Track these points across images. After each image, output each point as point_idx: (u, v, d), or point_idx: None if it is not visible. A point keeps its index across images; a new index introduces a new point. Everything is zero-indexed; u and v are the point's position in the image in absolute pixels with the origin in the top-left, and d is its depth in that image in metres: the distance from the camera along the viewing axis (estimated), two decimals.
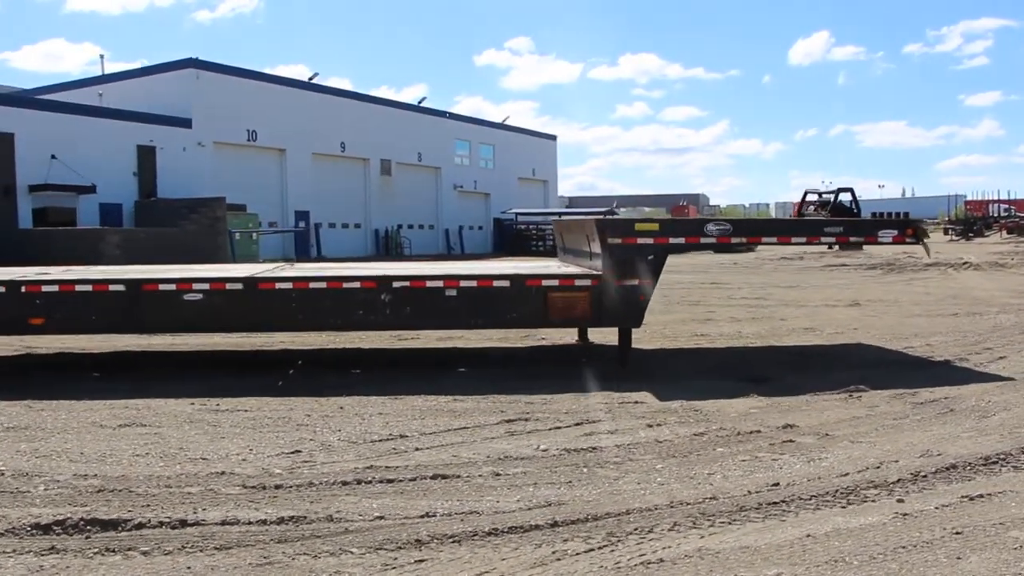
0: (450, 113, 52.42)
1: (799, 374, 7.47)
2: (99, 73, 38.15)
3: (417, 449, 5.16)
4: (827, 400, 6.39)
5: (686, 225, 7.71)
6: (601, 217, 7.71)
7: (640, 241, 7.47)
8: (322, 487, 4.40)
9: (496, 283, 7.47)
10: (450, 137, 51.44)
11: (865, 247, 37.50)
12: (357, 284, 7.40)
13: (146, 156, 30.63)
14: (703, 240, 7.57)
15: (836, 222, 7.98)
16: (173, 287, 7.29)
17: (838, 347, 9.17)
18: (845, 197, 34.39)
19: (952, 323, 10.89)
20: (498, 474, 4.61)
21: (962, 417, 5.71)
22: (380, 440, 5.37)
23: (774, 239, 7.72)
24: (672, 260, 28.99)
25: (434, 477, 4.54)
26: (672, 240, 7.55)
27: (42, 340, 9.46)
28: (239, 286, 7.35)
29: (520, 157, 57.52)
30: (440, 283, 7.43)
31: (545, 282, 7.47)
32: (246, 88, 35.76)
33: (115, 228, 24.99)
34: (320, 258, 37.24)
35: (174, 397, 6.62)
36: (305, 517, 3.94)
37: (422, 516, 3.96)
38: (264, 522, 3.89)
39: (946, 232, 49.55)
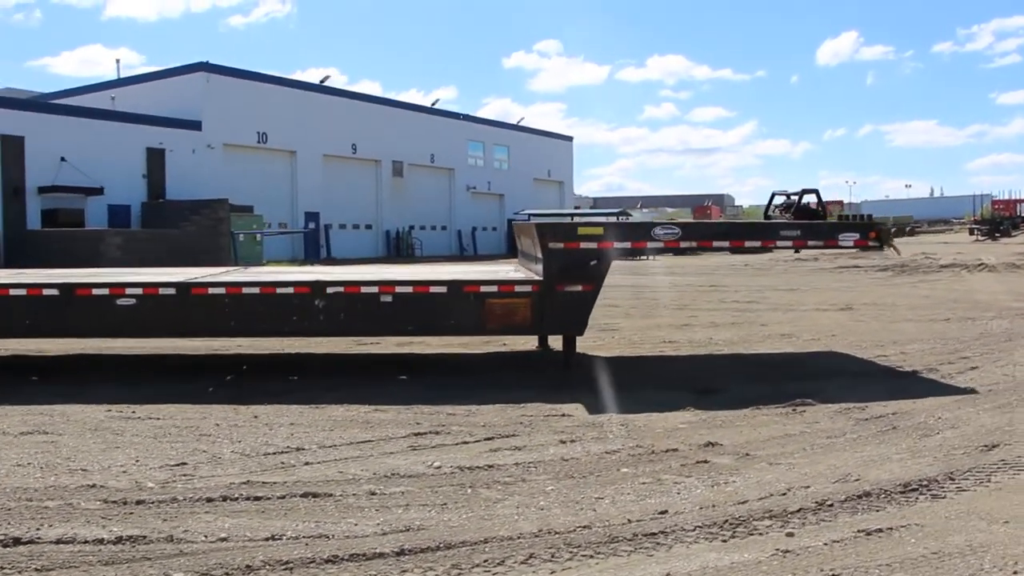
0: (464, 115, 52.25)
1: (751, 385, 7.10)
2: (125, 77, 38.46)
3: (307, 464, 4.90)
4: (767, 415, 6.03)
5: (631, 229, 7.37)
6: (541, 221, 7.40)
7: (583, 246, 7.16)
8: (184, 504, 4.15)
9: (433, 289, 7.19)
10: (464, 138, 51.26)
11: (889, 248, 36.74)
12: (291, 290, 7.16)
13: (155, 158, 30.74)
14: (650, 245, 7.24)
15: (793, 225, 7.61)
16: (106, 292, 7.10)
17: (806, 355, 8.77)
18: (811, 199, 33.18)
19: (939, 329, 10.42)
20: (374, 494, 4.32)
21: (902, 436, 5.32)
22: (274, 453, 5.12)
23: (726, 243, 7.35)
24: (678, 261, 28.80)
25: (304, 495, 4.27)
26: (617, 245, 7.23)
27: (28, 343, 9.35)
28: (172, 291, 7.13)
29: (535, 158, 57.19)
30: (375, 289, 7.16)
31: (484, 288, 7.18)
32: (257, 91, 35.81)
33: (116, 229, 25.07)
34: (330, 259, 37.23)
35: (96, 403, 6.42)
36: (145, 537, 3.69)
37: (267, 539, 3.69)
38: (101, 541, 3.65)
39: (971, 232, 48.40)
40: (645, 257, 34.64)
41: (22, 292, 7.03)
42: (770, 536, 3.65)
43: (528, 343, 9.53)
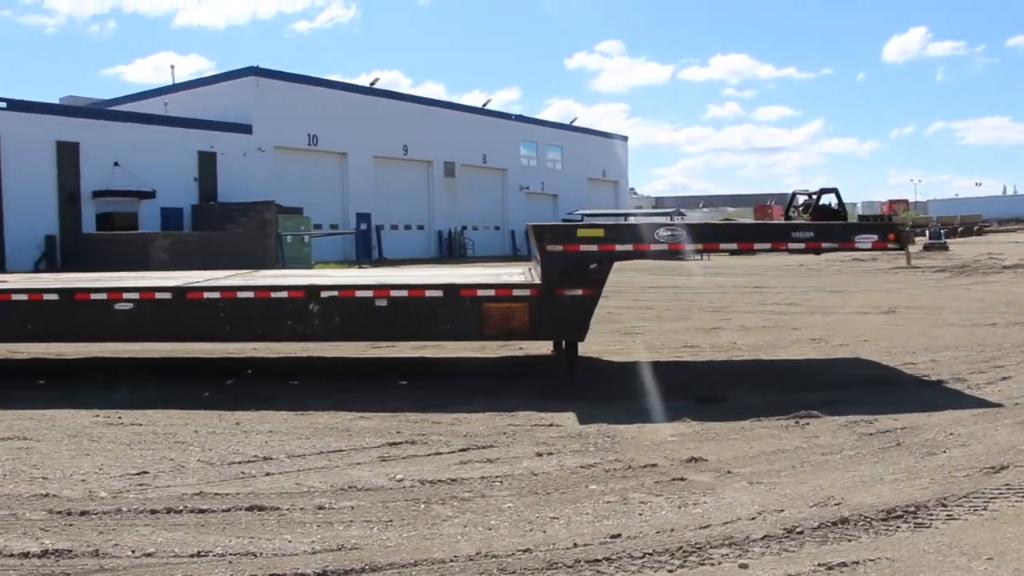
0: (516, 115, 52.14)
1: (761, 394, 6.74)
2: (178, 83, 39.42)
3: (268, 474, 4.76)
4: (766, 428, 5.68)
5: (634, 231, 7.05)
6: (540, 223, 7.15)
7: (583, 248, 6.89)
8: (127, 515, 4.05)
9: (428, 293, 7.01)
10: (516, 138, 51.17)
11: (945, 249, 35.33)
12: (285, 294, 7.06)
13: (207, 162, 31.38)
14: (653, 247, 6.92)
15: (806, 227, 7.18)
16: (104, 296, 7.11)
17: (829, 362, 8.33)
18: (831, 199, 31.52)
19: (981, 335, 9.82)
20: (322, 508, 4.15)
21: (904, 454, 4.93)
22: (240, 462, 4.99)
23: (734, 245, 6.98)
24: (729, 262, 28.22)
25: (250, 509, 4.12)
26: (619, 247, 6.94)
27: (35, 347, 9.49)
28: (168, 295, 7.11)
29: (590, 158, 56.78)
30: (370, 293, 7.02)
31: (481, 292, 6.97)
32: (307, 93, 36.29)
33: (164, 232, 25.65)
34: (381, 260, 37.51)
35: (87, 408, 6.41)
36: (71, 551, 3.58)
37: (193, 555, 3.54)
38: (26, 555, 3.56)
39: None
40: (698, 257, 34.11)
41: (24, 297, 7.08)
42: (721, 567, 3.36)
43: (543, 347, 9.29)
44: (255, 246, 24.71)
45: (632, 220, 44.80)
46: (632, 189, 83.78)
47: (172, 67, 52.31)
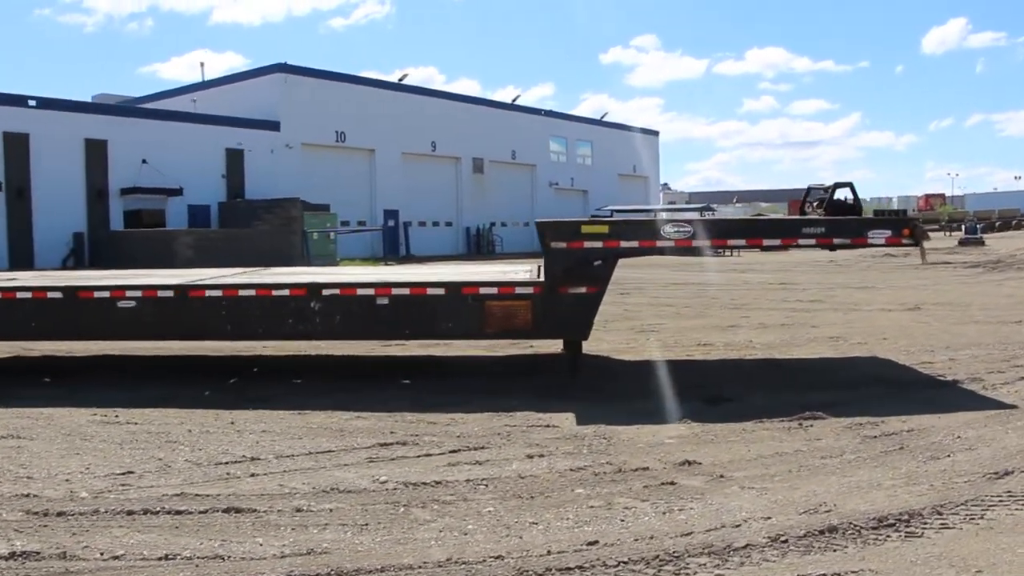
0: (545, 110, 51.96)
1: (768, 394, 6.57)
2: (206, 80, 39.82)
3: (252, 475, 4.71)
4: (768, 429, 5.51)
5: (640, 228, 6.90)
6: (545, 219, 7.03)
7: (587, 245, 6.76)
8: (103, 516, 4.02)
9: (430, 291, 6.93)
10: (545, 134, 50.99)
11: (981, 244, 34.45)
12: (286, 292, 7.03)
13: (234, 159, 31.65)
14: (659, 244, 6.77)
15: (817, 222, 6.98)
16: (107, 294, 7.13)
17: (843, 362, 8.11)
18: (846, 194, 30.50)
19: (1005, 333, 9.51)
20: (300, 510, 4.09)
21: (906, 458, 4.75)
22: (227, 463, 4.95)
23: (742, 241, 6.82)
24: (760, 258, 27.87)
25: (227, 511, 4.07)
26: (624, 244, 6.79)
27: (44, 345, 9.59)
28: (170, 294, 7.11)
29: (620, 153, 56.42)
30: (371, 291, 6.95)
31: (483, 290, 6.87)
32: (334, 90, 36.44)
33: (188, 229, 25.92)
34: (408, 257, 37.60)
35: (87, 406, 6.43)
36: (39, 553, 3.56)
37: (161, 558, 3.50)
38: None
39: None
40: (728, 253, 33.65)
41: (28, 295, 7.12)
42: None
43: (553, 345, 9.17)
44: (280, 243, 24.86)
45: (661, 216, 44.53)
46: (665, 184, 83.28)
47: (202, 64, 53.07)
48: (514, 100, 50.09)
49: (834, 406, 6.03)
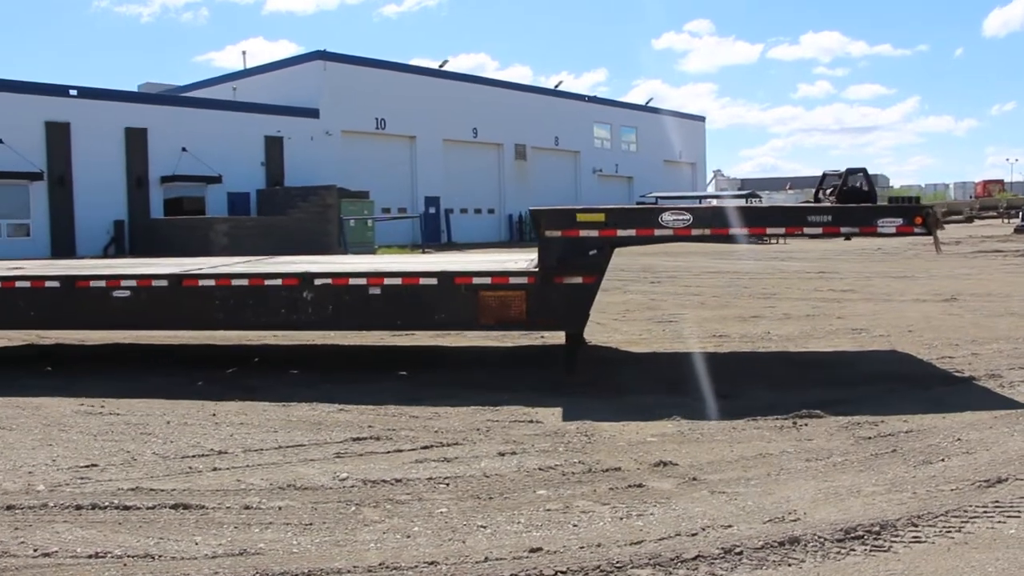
0: (589, 96, 51.43)
1: (771, 390, 6.28)
2: (247, 68, 40.24)
3: (214, 470, 4.63)
4: (760, 428, 5.25)
5: (637, 215, 6.64)
6: (538, 207, 6.81)
7: (583, 233, 6.54)
8: (50, 511, 3.96)
9: (423, 281, 6.78)
10: (589, 120, 50.49)
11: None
12: (279, 282, 6.94)
13: (273, 146, 31.92)
14: (657, 232, 6.51)
15: (824, 210, 6.63)
16: (103, 284, 7.13)
17: (859, 355, 7.75)
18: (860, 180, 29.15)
19: None
20: (248, 508, 3.98)
21: (897, 462, 4.45)
22: (194, 456, 4.88)
23: (745, 231, 6.51)
24: (804, 245, 27.25)
25: (175, 507, 3.98)
26: (621, 232, 6.55)
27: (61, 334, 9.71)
28: (164, 283, 7.08)
29: (666, 139, 55.60)
30: (363, 280, 6.83)
31: (476, 280, 6.69)
32: (375, 77, 36.49)
33: (223, 217, 26.19)
34: (449, 244, 37.62)
35: (77, 396, 6.45)
36: None
37: (91, 556, 3.42)
38: None
39: None
40: (774, 240, 32.89)
41: (27, 284, 7.16)
42: None
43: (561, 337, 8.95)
44: (316, 231, 24.99)
45: (708, 203, 43.71)
46: (719, 171, 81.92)
47: (243, 53, 53.05)
48: (557, 86, 49.70)
49: (836, 404, 5.74)
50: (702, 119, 60.90)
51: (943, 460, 4.42)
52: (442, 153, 40.70)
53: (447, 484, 4.31)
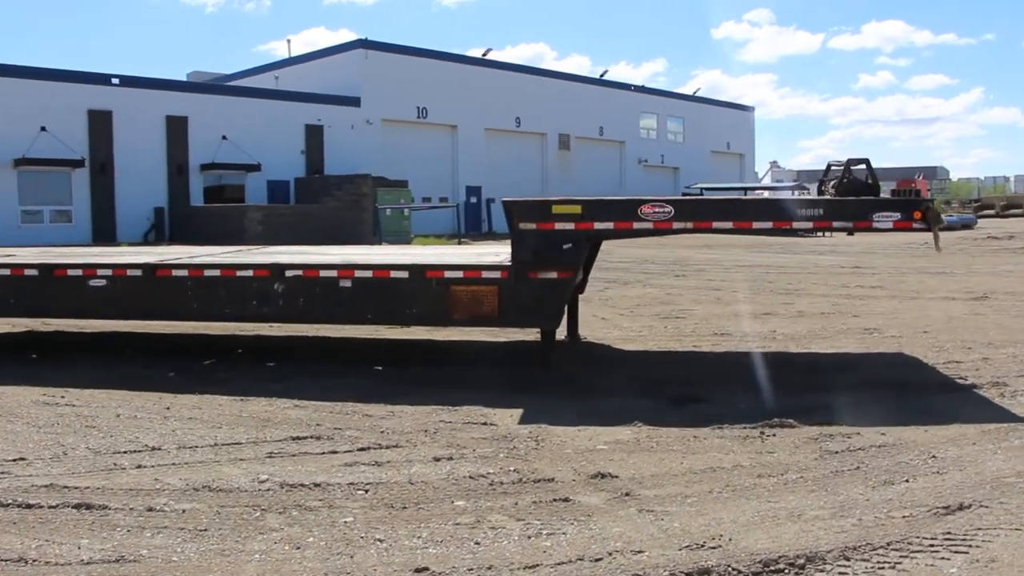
0: (635, 85, 50.67)
1: (751, 395, 5.92)
2: (290, 57, 40.55)
3: (139, 467, 4.47)
4: (721, 438, 4.91)
5: (615, 208, 6.31)
6: (512, 198, 6.53)
7: (558, 226, 6.24)
8: None
9: (393, 274, 6.56)
10: (635, 110, 49.72)
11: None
12: (250, 272, 6.80)
13: (314, 135, 32.06)
14: (637, 226, 6.17)
15: (815, 203, 6.20)
16: (80, 272, 7.07)
17: (861, 358, 7.30)
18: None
19: None
20: (152, 510, 3.81)
21: (856, 481, 4.08)
22: (126, 452, 4.74)
23: (729, 224, 6.13)
24: (848, 238, 26.37)
25: (77, 507, 3.83)
26: (598, 225, 6.25)
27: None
28: (138, 272, 6.99)
29: (713, 130, 54.52)
30: (334, 273, 6.64)
31: (448, 273, 6.45)
32: (416, 66, 36.40)
33: (257, 205, 26.36)
34: (490, 234, 37.41)
35: (44, 385, 6.38)
36: None
37: None
38: None
39: None
40: (822, 234, 31.94)
41: (7, 272, 7.14)
42: None
43: (560, 331, 8.65)
44: (350, 219, 25.01)
45: (754, 195, 42.72)
46: (774, 162, 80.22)
47: (288, 41, 53.35)
48: (602, 75, 49.00)
49: (816, 411, 5.36)
50: (751, 109, 59.59)
51: (907, 481, 4.04)
52: (484, 142, 40.48)
53: (366, 491, 4.09)
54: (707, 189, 48.07)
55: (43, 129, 25.31)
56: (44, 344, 8.74)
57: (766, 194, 43.91)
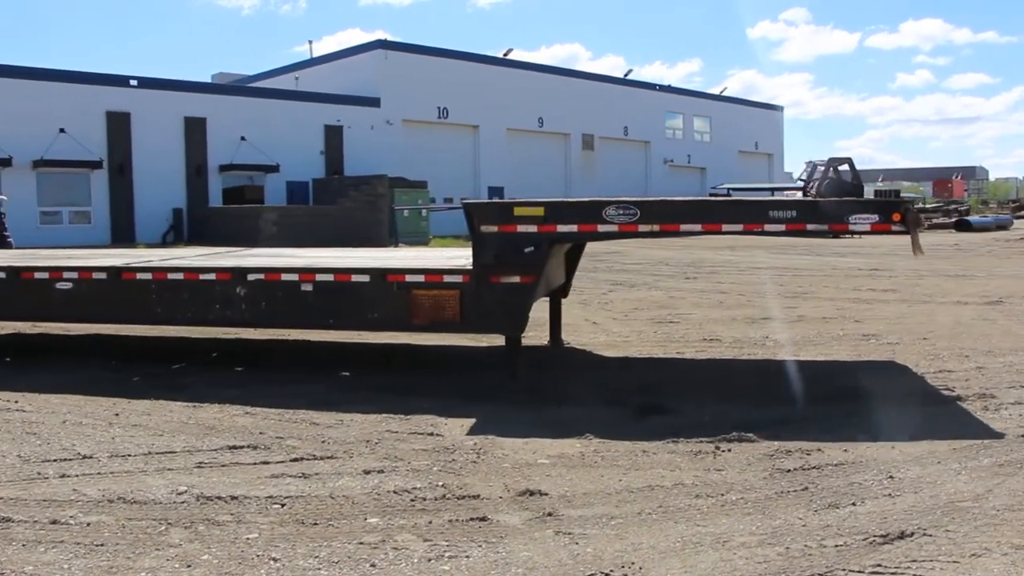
0: (660, 85, 50.14)
1: (717, 406, 5.64)
2: (310, 58, 40.70)
3: (63, 476, 4.35)
4: (673, 453, 4.66)
5: (579, 210, 6.07)
6: (472, 200, 6.32)
7: (521, 229, 6.03)
8: None
9: (355, 278, 6.39)
10: (661, 110, 49.19)
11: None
12: (213, 276, 6.67)
13: (333, 135, 32.09)
14: (601, 228, 5.94)
15: (788, 205, 5.91)
16: (47, 275, 7.01)
17: (849, 366, 6.98)
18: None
19: None
20: (56, 522, 3.68)
21: (801, 503, 3.81)
22: (57, 460, 4.62)
23: (697, 226, 5.87)
24: (879, 240, 25.69)
25: None
26: (561, 228, 6.02)
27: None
28: (103, 276, 6.90)
29: (741, 129, 53.76)
30: (295, 276, 6.49)
31: (409, 277, 6.27)
32: (436, 66, 36.29)
33: (272, 206, 26.39)
34: None
35: (3, 390, 6.31)
36: None
37: None
38: None
39: None
40: (850, 235, 31.31)
41: None
42: None
43: (541, 336, 8.43)
44: (366, 220, 24.95)
45: (783, 196, 42.00)
46: (810, 162, 79.13)
47: (310, 42, 53.61)
48: (626, 74, 48.58)
49: (781, 425, 5.10)
50: (780, 109, 58.69)
51: (854, 504, 3.76)
52: (506, 142, 40.28)
53: (283, 505, 3.92)
54: (734, 189, 47.46)
55: (62, 131, 25.61)
56: (25, 347, 8.71)
57: (798, 195, 43.22)
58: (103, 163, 26.60)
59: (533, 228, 6.01)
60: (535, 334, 8.60)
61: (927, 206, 49.32)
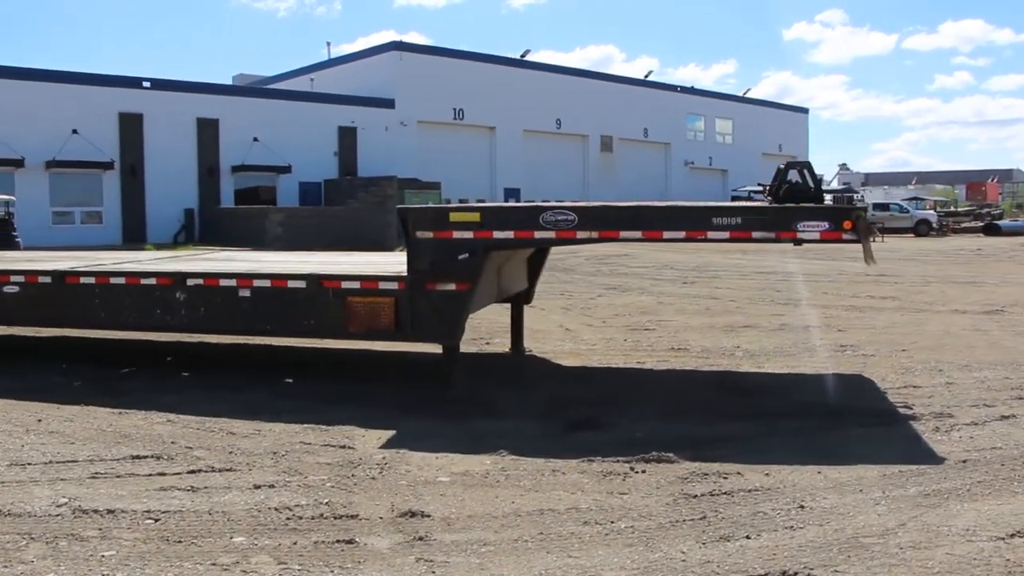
0: (681, 86, 49.64)
1: (653, 422, 5.39)
2: (325, 60, 40.82)
3: None
4: (584, 473, 4.42)
5: (515, 215, 5.84)
6: (407, 205, 6.14)
7: (456, 235, 5.84)
8: None
9: (291, 283, 6.24)
10: (681, 111, 48.70)
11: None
12: (153, 281, 6.56)
13: (347, 136, 32.09)
14: (538, 235, 5.74)
15: (730, 211, 5.61)
16: None
17: (811, 379, 6.73)
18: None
19: None
20: None
21: (691, 534, 3.57)
22: None
23: (638, 233, 5.62)
24: (901, 244, 25.19)
25: None
26: (498, 234, 5.82)
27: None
28: (48, 280, 6.82)
29: (764, 132, 53.05)
30: (233, 282, 6.35)
31: (345, 284, 6.10)
32: (452, 67, 36.20)
33: (279, 207, 26.44)
34: None
35: None
36: None
37: None
38: None
39: None
40: (875, 239, 30.71)
41: None
42: None
43: (503, 343, 8.21)
44: (374, 222, 24.88)
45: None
46: (843, 165, 78.01)
47: (328, 44, 53.57)
48: (647, 76, 48.18)
49: (711, 444, 4.85)
50: (805, 111, 57.92)
51: (748, 537, 3.51)
52: (523, 144, 40.08)
53: (156, 520, 3.76)
54: (755, 192, 46.79)
55: (74, 132, 25.87)
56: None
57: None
58: (115, 164, 26.85)
59: (469, 234, 5.82)
60: (500, 341, 8.42)
61: (957, 209, 48.27)
